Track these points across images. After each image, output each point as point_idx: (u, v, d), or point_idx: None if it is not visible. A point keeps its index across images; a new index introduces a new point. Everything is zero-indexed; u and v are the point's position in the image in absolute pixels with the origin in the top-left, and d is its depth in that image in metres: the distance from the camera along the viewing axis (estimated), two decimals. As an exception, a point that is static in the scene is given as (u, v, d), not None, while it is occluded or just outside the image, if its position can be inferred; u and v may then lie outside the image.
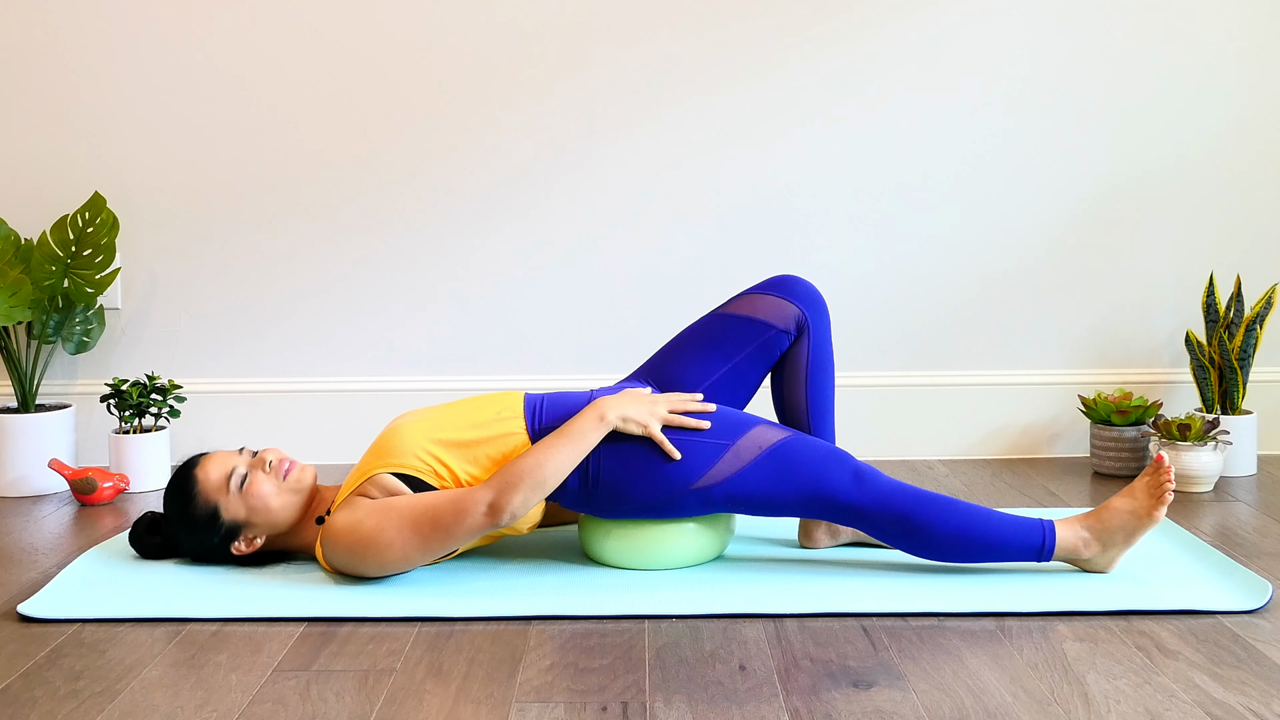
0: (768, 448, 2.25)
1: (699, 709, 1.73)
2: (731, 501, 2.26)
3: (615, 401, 2.25)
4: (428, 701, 1.77)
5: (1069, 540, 2.22)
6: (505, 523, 2.16)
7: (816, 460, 2.25)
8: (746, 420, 2.30)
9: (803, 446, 2.26)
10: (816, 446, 2.27)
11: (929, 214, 3.26)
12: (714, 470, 2.24)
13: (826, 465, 2.24)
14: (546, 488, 2.18)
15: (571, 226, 3.27)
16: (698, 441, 2.26)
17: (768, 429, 2.28)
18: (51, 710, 1.75)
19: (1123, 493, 2.24)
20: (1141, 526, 2.20)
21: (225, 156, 3.25)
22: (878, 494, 2.22)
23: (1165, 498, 2.19)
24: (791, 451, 2.25)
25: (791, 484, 2.24)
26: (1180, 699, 1.74)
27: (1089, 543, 2.22)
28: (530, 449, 2.20)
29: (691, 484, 2.24)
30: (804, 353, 2.40)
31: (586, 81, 3.23)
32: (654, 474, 2.24)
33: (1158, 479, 2.21)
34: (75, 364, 3.30)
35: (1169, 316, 3.30)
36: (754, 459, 2.24)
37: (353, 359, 3.31)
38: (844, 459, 2.26)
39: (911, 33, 3.22)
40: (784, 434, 2.28)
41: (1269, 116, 3.24)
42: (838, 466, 2.24)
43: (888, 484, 2.23)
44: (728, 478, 2.24)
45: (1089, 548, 2.22)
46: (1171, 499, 2.19)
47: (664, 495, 2.25)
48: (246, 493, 2.29)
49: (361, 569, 2.22)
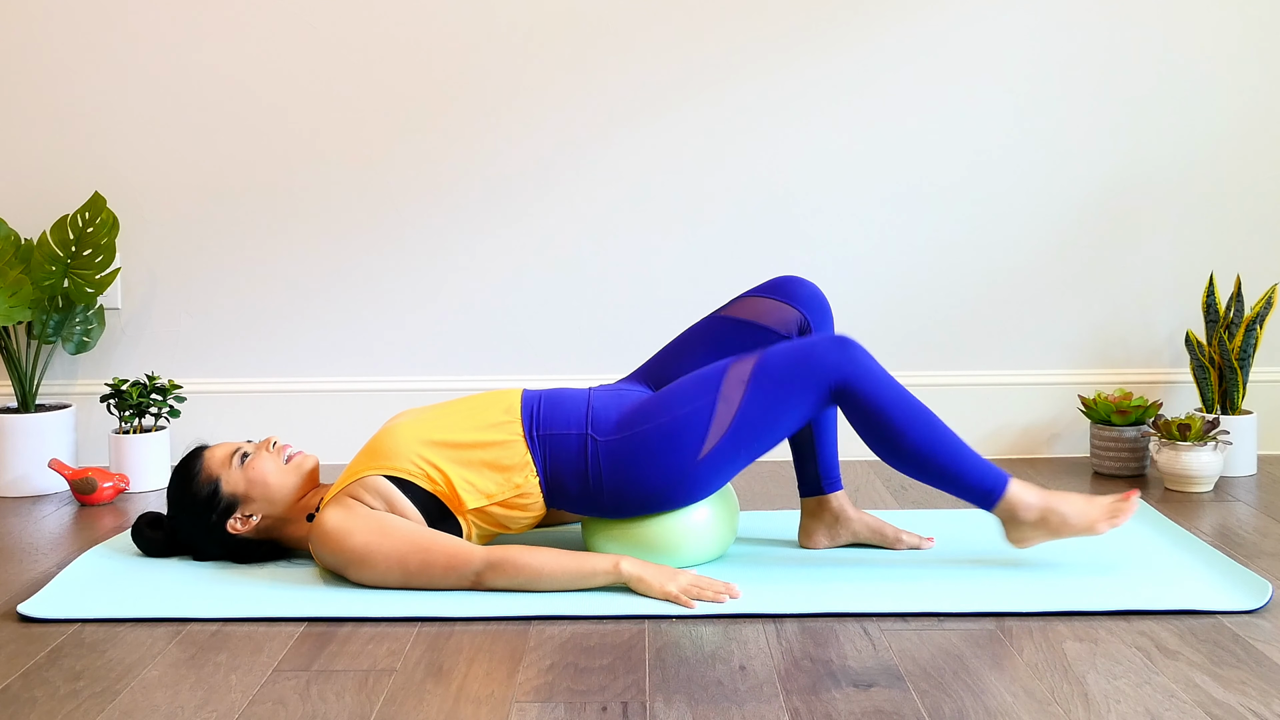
0: (750, 376, 2.23)
1: (699, 709, 1.73)
2: (741, 447, 2.23)
3: (639, 561, 2.20)
4: (428, 701, 1.77)
5: (1016, 499, 2.22)
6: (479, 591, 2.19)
7: (800, 357, 2.22)
8: (717, 367, 2.27)
9: (782, 352, 2.24)
10: (793, 346, 2.24)
11: (929, 214, 3.26)
12: (713, 428, 2.22)
13: (810, 355, 2.22)
14: (531, 589, 2.17)
15: (572, 226, 3.27)
16: (686, 412, 2.23)
17: (739, 362, 2.26)
18: (51, 710, 1.75)
19: (1086, 496, 2.26)
20: (1079, 530, 2.23)
21: (225, 157, 3.25)
22: (869, 377, 2.20)
23: (1116, 522, 2.22)
24: (774, 362, 2.23)
25: (789, 391, 2.21)
26: (1180, 699, 1.74)
27: (1031, 509, 2.22)
28: (542, 553, 2.18)
29: (699, 454, 2.22)
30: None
31: (587, 82, 3.23)
32: (658, 460, 2.22)
33: (1122, 506, 2.24)
34: (75, 364, 3.30)
35: (1169, 316, 3.30)
36: (744, 393, 2.22)
37: (353, 359, 3.31)
38: (815, 344, 2.23)
39: (910, 34, 3.22)
40: (757, 354, 2.26)
41: (1269, 116, 3.24)
42: (822, 351, 2.22)
43: (879, 373, 2.21)
44: (729, 427, 2.22)
45: (1028, 513, 2.22)
46: (1118, 526, 2.23)
47: (674, 478, 2.23)
48: (248, 467, 2.34)
49: (341, 573, 2.24)
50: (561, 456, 2.25)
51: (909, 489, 2.95)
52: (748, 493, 2.92)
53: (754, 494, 2.91)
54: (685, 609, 2.09)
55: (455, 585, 2.18)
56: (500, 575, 2.17)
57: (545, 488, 2.26)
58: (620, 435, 2.25)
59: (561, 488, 2.27)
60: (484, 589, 2.18)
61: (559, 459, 2.25)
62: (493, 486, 2.25)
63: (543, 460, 2.25)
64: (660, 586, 2.14)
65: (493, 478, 2.25)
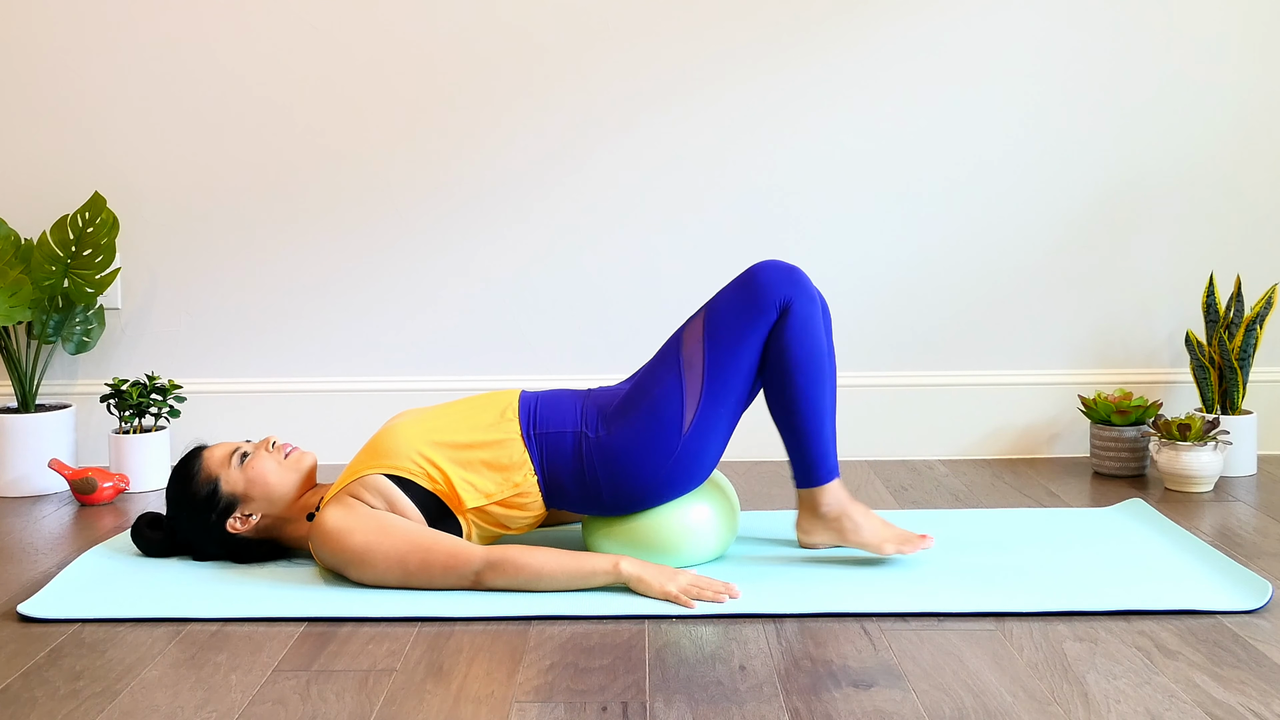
0: (703, 333, 2.27)
1: (699, 709, 1.73)
2: (720, 404, 2.25)
3: (638, 561, 2.20)
4: (428, 701, 1.77)
5: (828, 493, 2.30)
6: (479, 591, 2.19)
7: (744, 288, 2.26)
8: (672, 339, 2.33)
9: (725, 294, 2.29)
10: (735, 284, 2.29)
11: (929, 214, 3.26)
12: (688, 398, 2.25)
13: (754, 280, 2.26)
14: (530, 589, 2.17)
15: (571, 227, 3.27)
16: (658, 393, 2.26)
17: (690, 324, 2.30)
18: (51, 710, 1.75)
19: (887, 523, 2.33)
20: (866, 544, 2.30)
21: (226, 156, 3.25)
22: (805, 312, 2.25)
23: (903, 549, 2.28)
24: (720, 308, 2.28)
25: (743, 325, 2.25)
26: (1180, 699, 1.74)
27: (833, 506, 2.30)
28: (541, 553, 2.18)
29: (682, 429, 2.24)
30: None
31: (586, 82, 3.23)
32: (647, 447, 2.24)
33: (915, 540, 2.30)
34: (75, 364, 3.30)
35: (1169, 316, 3.30)
36: (704, 352, 2.26)
37: (353, 359, 3.31)
38: (758, 270, 2.27)
39: (909, 35, 3.21)
40: (703, 310, 2.30)
41: (1269, 116, 3.24)
42: (767, 274, 2.26)
43: (813, 314, 2.26)
44: (702, 392, 2.25)
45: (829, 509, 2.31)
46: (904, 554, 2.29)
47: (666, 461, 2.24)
48: (247, 466, 2.34)
49: (341, 572, 2.24)
50: (558, 456, 2.26)
51: (908, 489, 2.95)
52: (748, 493, 2.92)
53: (754, 494, 2.91)
54: (685, 609, 2.09)
55: (455, 585, 2.18)
56: (500, 575, 2.17)
57: (544, 487, 2.26)
58: (608, 430, 2.27)
59: (560, 487, 2.27)
60: (483, 589, 2.18)
61: (556, 458, 2.26)
62: (492, 486, 2.25)
63: (540, 459, 2.26)
64: (660, 586, 2.14)
65: (492, 477, 2.25)
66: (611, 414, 2.28)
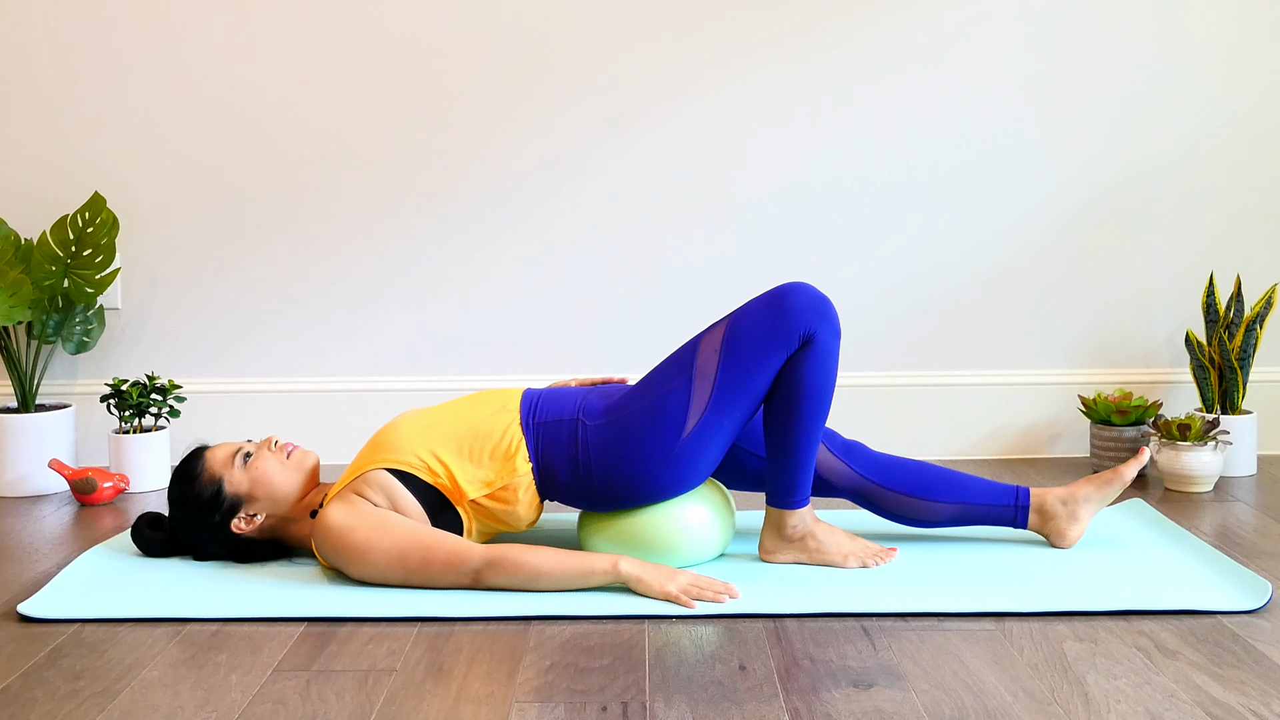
0: (722, 345, 2.26)
1: (699, 709, 1.73)
2: (724, 417, 2.25)
3: (638, 560, 2.20)
4: (428, 701, 1.77)
5: (795, 516, 2.32)
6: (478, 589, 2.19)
7: (770, 309, 2.25)
8: (690, 344, 2.31)
9: (750, 310, 2.27)
10: (761, 302, 2.27)
11: (929, 214, 3.26)
12: (693, 405, 2.25)
13: (781, 303, 2.25)
14: (529, 588, 2.17)
15: (578, 227, 3.27)
16: (664, 393, 2.26)
17: (710, 333, 2.29)
18: (51, 710, 1.75)
19: (854, 537, 2.36)
20: (830, 560, 2.32)
21: (226, 157, 3.25)
22: (826, 346, 2.26)
23: (866, 563, 2.31)
24: (744, 323, 2.26)
25: (763, 347, 2.24)
26: (1180, 699, 1.74)
27: (797, 529, 2.32)
28: (541, 552, 2.18)
29: (682, 433, 2.24)
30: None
31: (595, 81, 3.23)
32: (644, 442, 2.24)
33: (879, 553, 2.33)
34: (75, 364, 3.30)
35: (1169, 316, 3.30)
36: (718, 364, 2.25)
37: (353, 359, 3.31)
38: (786, 292, 2.26)
39: (912, 34, 3.21)
40: (725, 322, 2.29)
41: (1268, 116, 3.24)
42: (794, 298, 2.25)
43: (833, 349, 2.27)
44: (709, 402, 2.24)
45: (794, 531, 2.32)
46: (866, 567, 2.32)
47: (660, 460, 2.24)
48: (251, 466, 2.35)
49: (343, 569, 2.24)
50: (554, 442, 2.27)
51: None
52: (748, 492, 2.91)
53: (754, 494, 2.91)
54: (685, 609, 2.09)
55: (455, 583, 2.18)
56: (499, 574, 2.17)
57: (538, 475, 2.27)
58: (607, 420, 2.27)
59: (553, 475, 2.28)
60: (483, 587, 2.18)
61: (551, 445, 2.27)
62: (490, 474, 2.26)
63: (535, 445, 2.27)
64: (660, 586, 2.14)
65: (490, 465, 2.27)
66: (614, 405, 2.30)
